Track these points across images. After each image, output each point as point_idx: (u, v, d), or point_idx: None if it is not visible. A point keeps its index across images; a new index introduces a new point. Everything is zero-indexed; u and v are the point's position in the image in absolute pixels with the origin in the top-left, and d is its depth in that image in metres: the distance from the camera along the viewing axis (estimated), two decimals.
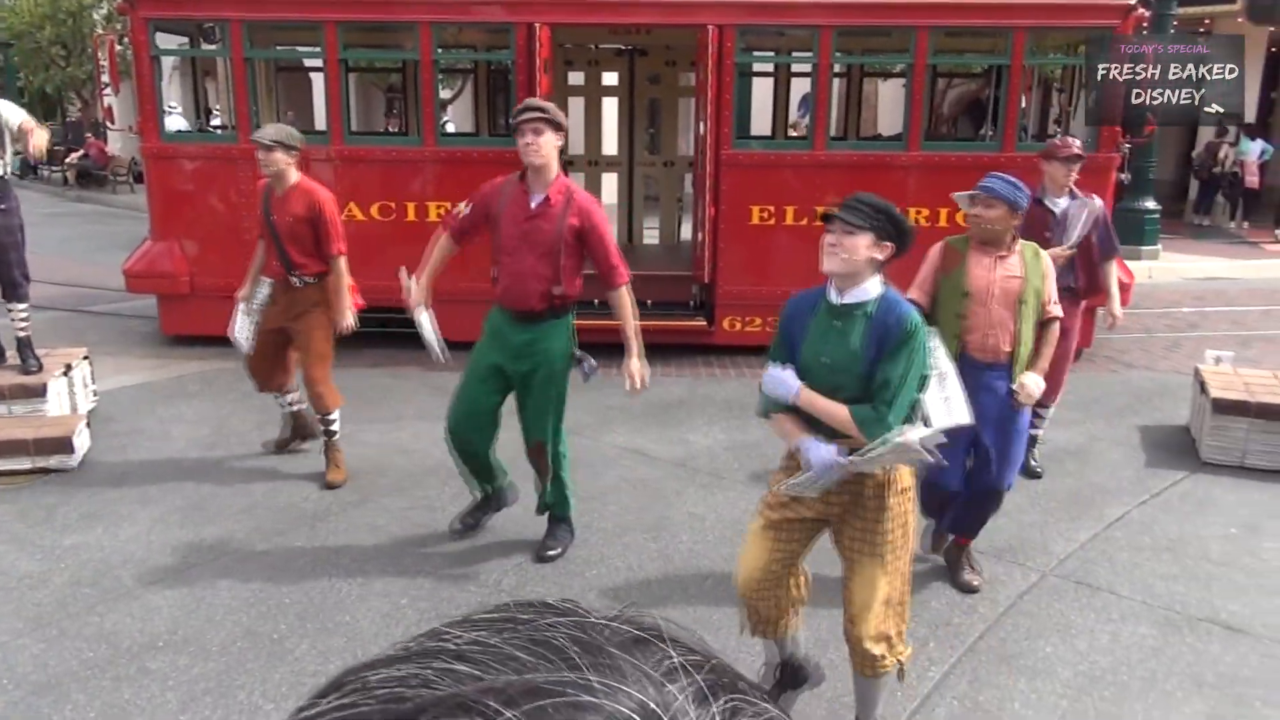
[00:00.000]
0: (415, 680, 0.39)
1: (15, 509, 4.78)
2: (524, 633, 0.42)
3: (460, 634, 0.42)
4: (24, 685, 3.34)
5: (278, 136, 4.86)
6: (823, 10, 7.10)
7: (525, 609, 0.45)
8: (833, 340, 2.81)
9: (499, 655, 0.40)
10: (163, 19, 7.61)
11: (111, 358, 7.23)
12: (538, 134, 3.88)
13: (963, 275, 3.80)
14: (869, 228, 2.72)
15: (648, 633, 0.43)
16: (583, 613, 0.44)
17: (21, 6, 22.61)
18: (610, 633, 0.42)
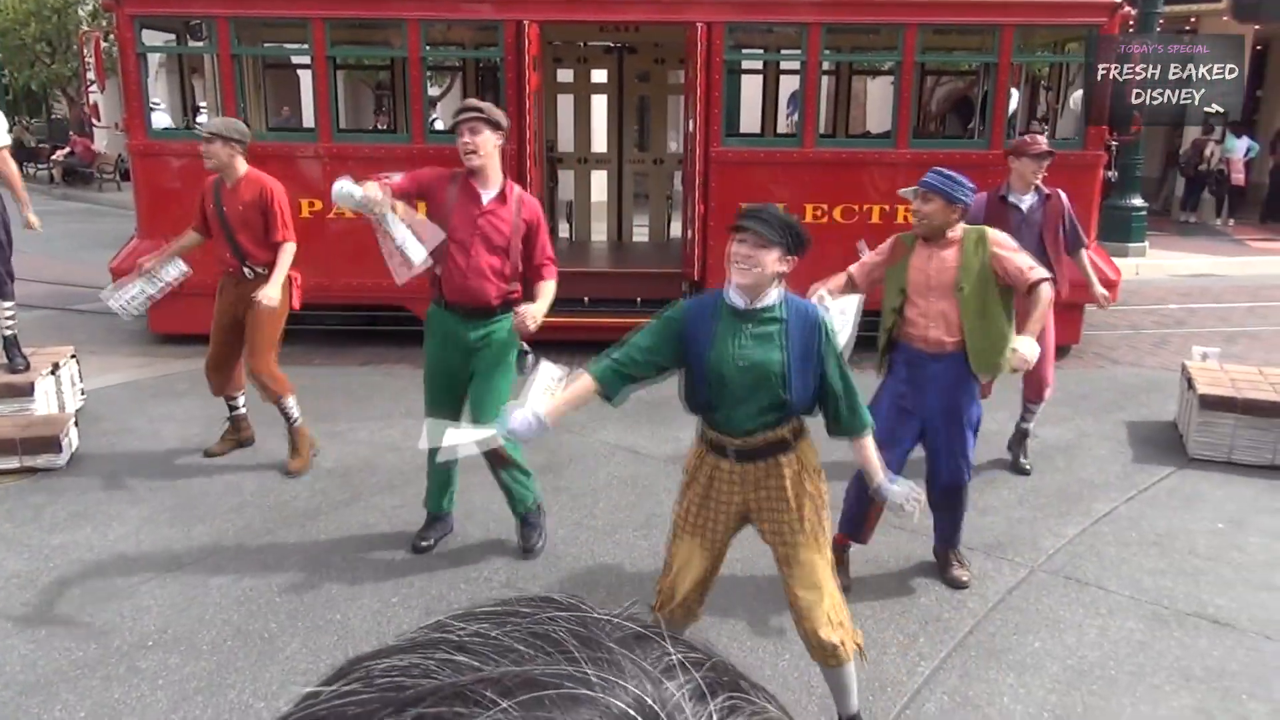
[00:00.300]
0: (417, 670, 0.40)
1: (3, 509, 4.75)
2: (525, 626, 0.42)
3: (463, 626, 0.43)
4: (12, 686, 3.32)
5: (217, 129, 4.89)
6: (811, 8, 7.11)
7: (528, 603, 0.45)
8: (748, 345, 2.83)
9: (499, 647, 0.41)
10: (149, 15, 7.57)
11: (99, 356, 7.19)
12: (475, 133, 3.85)
13: (904, 270, 3.84)
14: (779, 243, 2.77)
15: (649, 630, 0.43)
16: (585, 608, 0.44)
17: (6, 3, 22.44)
18: (611, 628, 0.43)
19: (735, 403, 2.86)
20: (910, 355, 3.85)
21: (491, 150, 3.91)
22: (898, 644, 3.65)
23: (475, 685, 0.38)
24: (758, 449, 2.91)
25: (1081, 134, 7.57)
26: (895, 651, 3.60)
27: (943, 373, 3.82)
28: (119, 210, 16.72)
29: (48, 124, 27.50)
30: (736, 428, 2.89)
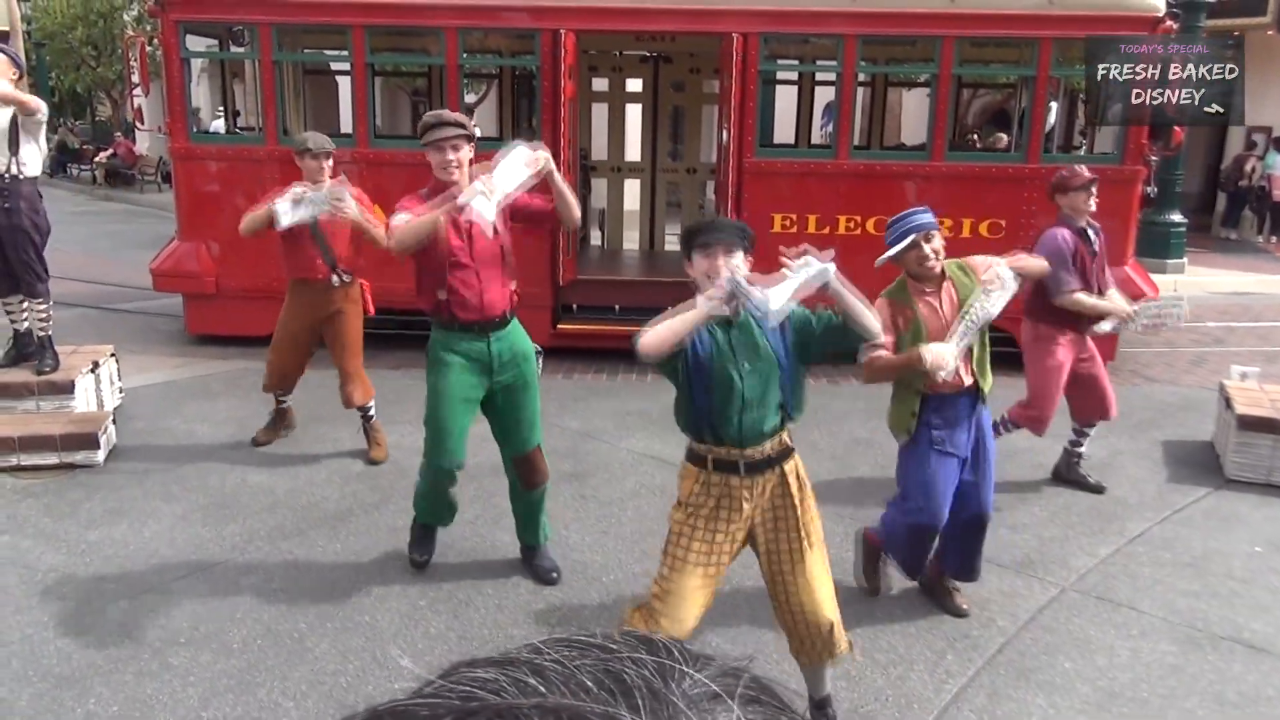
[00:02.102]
0: (492, 685, 0.42)
1: (42, 503, 4.84)
2: (603, 663, 0.43)
3: (550, 650, 0.44)
4: (49, 678, 3.38)
5: (320, 145, 5.18)
6: (848, 19, 7.09)
7: (623, 640, 0.46)
8: (745, 349, 2.86)
9: (569, 678, 0.42)
10: (193, 22, 7.70)
11: (136, 355, 7.30)
12: (456, 150, 3.76)
13: (920, 327, 3.62)
14: (741, 245, 2.85)
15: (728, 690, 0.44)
16: (675, 658, 0.45)
17: (54, 7, 22.94)
18: (690, 683, 0.43)
19: (745, 410, 2.86)
20: (940, 401, 3.70)
21: (468, 163, 3.82)
22: (925, 661, 3.62)
23: (529, 710, 0.39)
24: (768, 458, 2.93)
25: (1120, 149, 7.49)
26: (922, 668, 3.57)
27: (969, 407, 3.74)
28: (159, 212, 17.01)
29: (92, 126, 28.05)
30: (748, 437, 2.88)
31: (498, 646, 2.57)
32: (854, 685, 3.45)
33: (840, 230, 7.30)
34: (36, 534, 4.50)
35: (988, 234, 7.34)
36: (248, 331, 7.81)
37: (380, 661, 3.52)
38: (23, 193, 5.61)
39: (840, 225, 7.31)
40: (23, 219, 5.62)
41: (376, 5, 7.26)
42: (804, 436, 3.07)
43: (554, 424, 6.18)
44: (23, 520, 4.65)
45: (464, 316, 3.86)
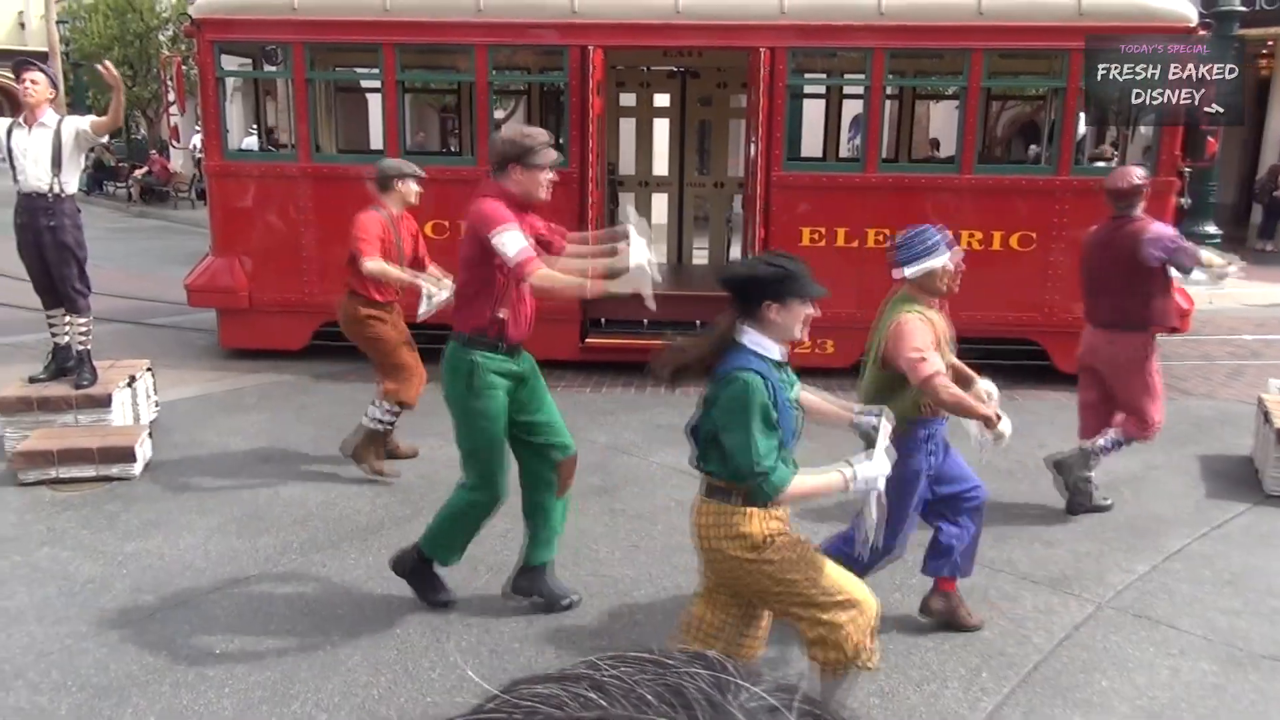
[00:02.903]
0: (554, 700, 0.42)
1: (80, 516, 4.91)
2: (663, 678, 0.44)
3: (609, 666, 0.45)
4: (87, 688, 3.42)
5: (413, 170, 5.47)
6: (876, 33, 7.09)
7: (677, 655, 0.47)
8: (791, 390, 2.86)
9: (630, 692, 0.43)
10: (227, 41, 7.84)
11: (171, 370, 7.40)
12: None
13: (945, 344, 3.60)
14: None
15: (786, 704, 0.44)
16: (730, 673, 0.46)
17: (91, 29, 23.42)
18: (747, 696, 0.44)
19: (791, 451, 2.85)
20: (932, 426, 3.66)
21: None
22: (959, 678, 3.58)
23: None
24: None
25: (1153, 160, 7.42)
26: (956, 685, 3.53)
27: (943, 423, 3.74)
28: (192, 228, 17.25)
29: (127, 144, 28.53)
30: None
31: (530, 661, 2.57)
32: (888, 701, 3.42)
33: (869, 243, 7.27)
34: (75, 545, 4.56)
35: (1018, 246, 7.29)
36: (280, 345, 7.92)
37: (411, 674, 3.53)
38: (65, 210, 5.76)
39: (869, 238, 7.29)
40: (67, 236, 5.76)
41: (407, 24, 7.35)
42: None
43: (583, 438, 6.18)
44: (61, 532, 4.72)
45: (515, 336, 3.81)
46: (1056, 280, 7.32)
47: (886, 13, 7.01)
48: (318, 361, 7.80)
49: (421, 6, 7.32)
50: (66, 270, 5.81)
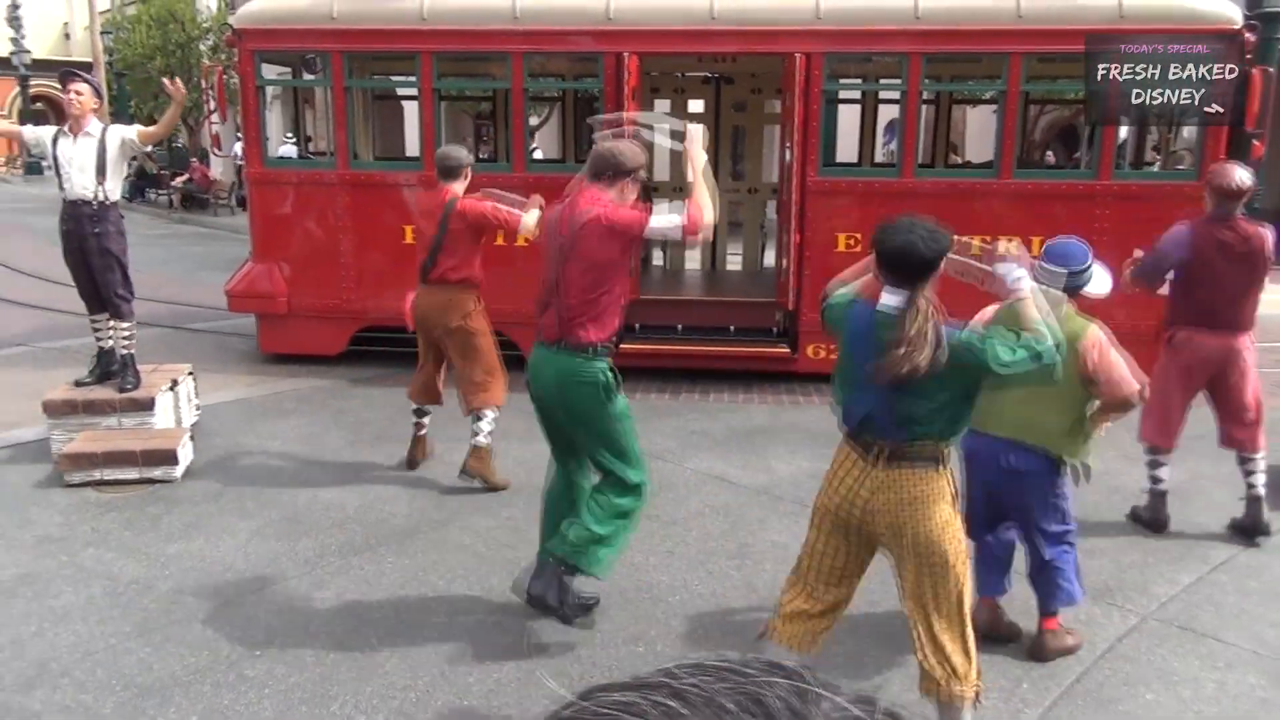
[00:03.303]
0: (635, 708, 0.42)
1: (123, 517, 4.99)
2: (742, 686, 0.44)
3: (687, 675, 0.45)
4: (131, 687, 3.47)
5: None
6: (912, 37, 7.04)
7: (754, 664, 0.47)
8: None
9: (710, 701, 0.43)
10: (268, 50, 7.95)
11: (212, 374, 7.50)
12: None
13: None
14: None
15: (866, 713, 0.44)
16: (808, 681, 0.45)
17: (134, 39, 23.87)
18: (829, 706, 0.44)
19: None
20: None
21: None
22: (1000, 690, 3.53)
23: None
24: None
25: (1197, 165, 7.30)
26: (997, 697, 3.48)
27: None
28: (232, 234, 17.50)
29: (169, 152, 29.02)
30: None
31: (566, 665, 2.57)
32: (926, 711, 3.37)
33: None
34: (119, 547, 4.64)
35: None
36: (318, 351, 8.01)
37: (449, 678, 3.54)
38: (110, 217, 5.87)
39: None
40: (110, 242, 5.87)
41: (444, 32, 7.41)
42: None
43: None
44: (105, 533, 4.80)
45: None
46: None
47: (923, 17, 6.97)
48: (354, 367, 7.88)
49: (459, 15, 7.38)
50: (110, 276, 5.91)
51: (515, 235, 5.28)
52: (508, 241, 7.48)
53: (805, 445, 6.07)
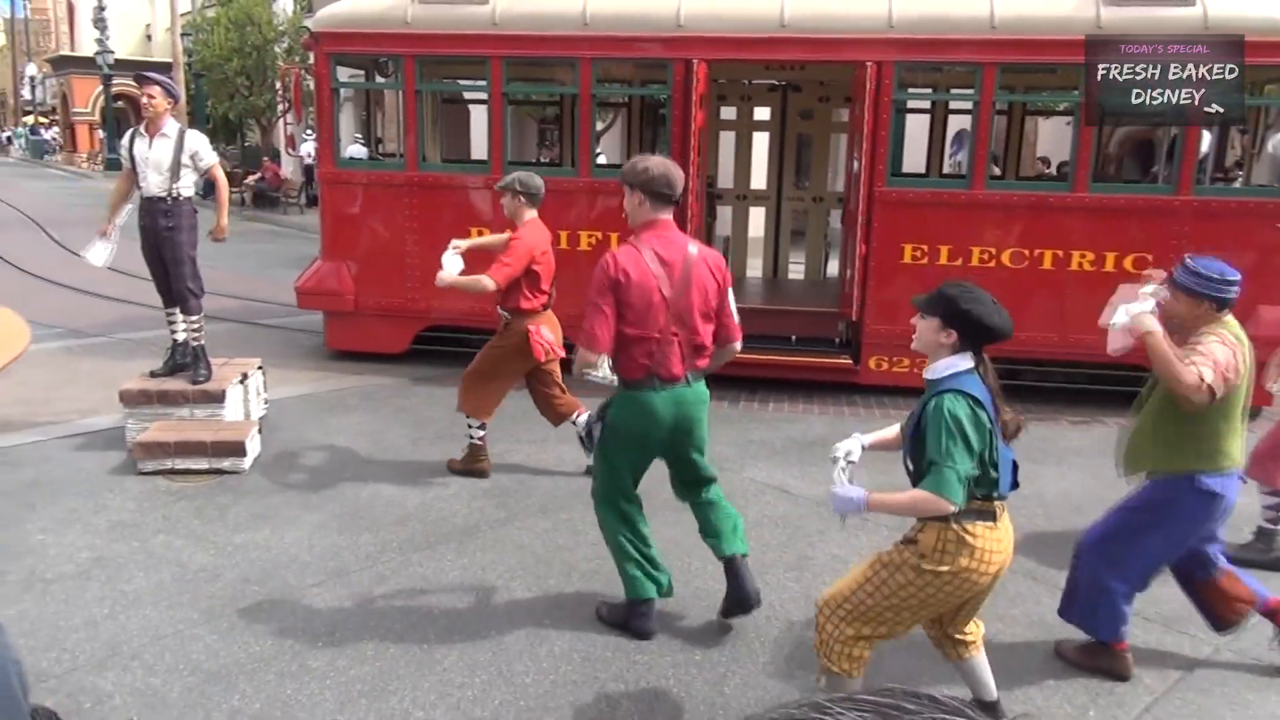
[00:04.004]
0: None
1: (193, 506, 5.12)
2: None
3: (843, 710, 0.44)
4: (198, 672, 3.55)
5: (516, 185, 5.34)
6: (986, 47, 6.93)
7: (912, 699, 0.45)
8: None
9: None
10: (343, 53, 8.11)
11: (279, 369, 7.66)
12: None
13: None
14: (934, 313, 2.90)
15: None
16: (967, 714, 0.44)
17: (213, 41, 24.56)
18: None
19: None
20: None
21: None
22: (1065, 715, 3.44)
23: None
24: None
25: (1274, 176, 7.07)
26: None
27: None
28: (301, 233, 17.89)
29: (241, 151, 29.80)
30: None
31: (622, 670, 2.55)
32: None
33: (973, 262, 7.10)
34: (188, 535, 4.76)
35: (1133, 268, 7.01)
36: (382, 349, 8.13)
37: (506, 677, 3.56)
38: (183, 212, 6.05)
39: (973, 257, 7.11)
40: (182, 236, 6.05)
41: (515, 37, 7.49)
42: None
43: None
44: (176, 521, 4.92)
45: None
46: None
47: (999, 26, 6.85)
48: (417, 365, 7.99)
49: (529, 20, 7.45)
50: (180, 269, 6.08)
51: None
52: (570, 246, 7.55)
53: (865, 459, 5.95)
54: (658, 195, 3.65)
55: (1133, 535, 3.60)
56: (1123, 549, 3.62)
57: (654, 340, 3.60)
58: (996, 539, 2.87)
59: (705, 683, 3.59)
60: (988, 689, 3.23)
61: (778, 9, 7.15)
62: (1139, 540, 3.59)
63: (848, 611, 2.99)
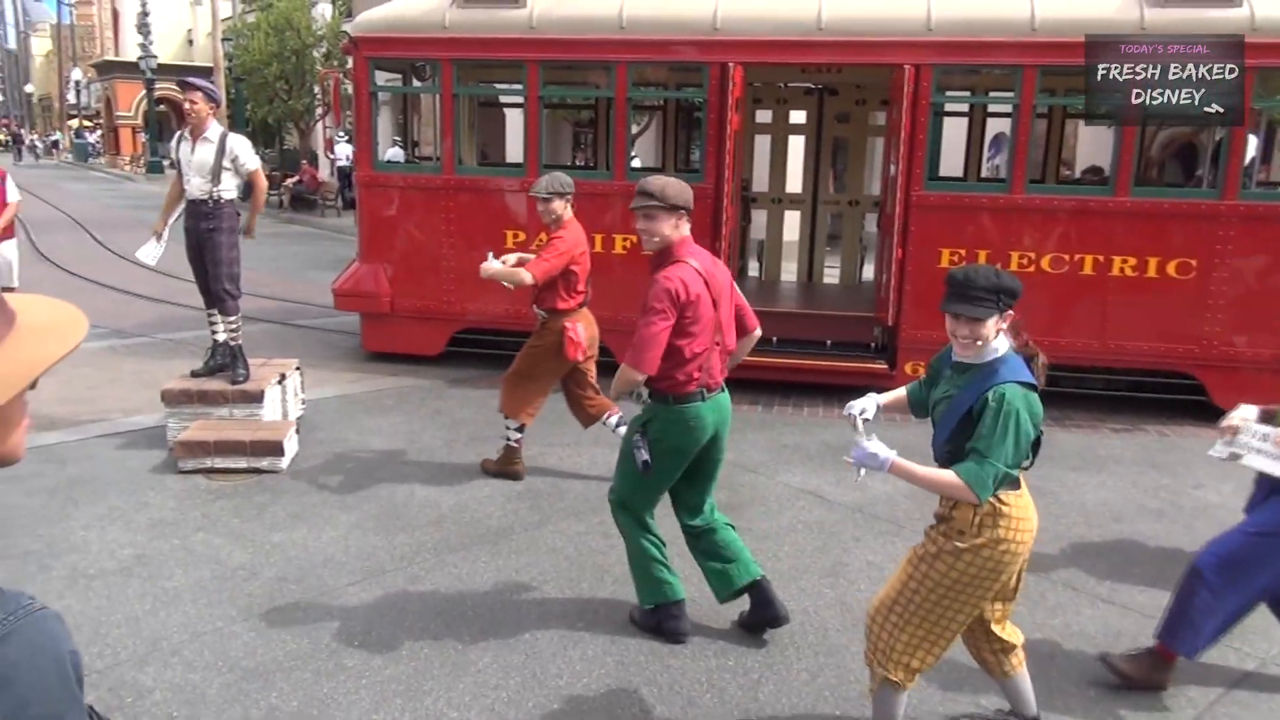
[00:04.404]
0: None
1: (231, 505, 5.18)
2: None
3: None
4: (236, 669, 3.59)
5: (552, 188, 5.26)
6: (1027, 49, 6.84)
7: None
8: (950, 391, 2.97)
9: None
10: (382, 58, 8.18)
11: (316, 369, 7.75)
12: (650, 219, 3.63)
13: None
14: (990, 311, 2.78)
15: None
16: None
17: (253, 46, 24.91)
18: None
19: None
20: None
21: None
22: None
23: None
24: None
25: None
26: None
27: None
28: (337, 235, 18.08)
29: (280, 154, 30.18)
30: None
31: (655, 674, 2.54)
32: None
33: (1012, 267, 7.01)
34: (227, 533, 4.81)
35: (1176, 274, 6.90)
36: (418, 351, 8.19)
37: (540, 680, 3.57)
38: (224, 214, 6.15)
39: (1012, 261, 7.03)
40: (221, 237, 6.14)
41: (552, 41, 7.51)
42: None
43: None
44: (215, 519, 4.99)
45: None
46: (1218, 311, 6.89)
47: (1040, 29, 6.77)
48: (452, 368, 8.04)
49: (566, 24, 7.48)
50: (219, 270, 6.17)
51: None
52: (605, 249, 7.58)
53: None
54: (690, 213, 3.69)
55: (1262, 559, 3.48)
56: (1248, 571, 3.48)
57: (704, 353, 3.64)
58: (1024, 505, 2.87)
59: (739, 688, 3.57)
60: (1029, 705, 3.20)
61: (815, 11, 7.12)
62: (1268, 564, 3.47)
63: (899, 615, 2.95)
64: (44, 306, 1.08)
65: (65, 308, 1.09)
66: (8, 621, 0.91)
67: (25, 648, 0.91)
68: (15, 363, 0.99)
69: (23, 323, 1.02)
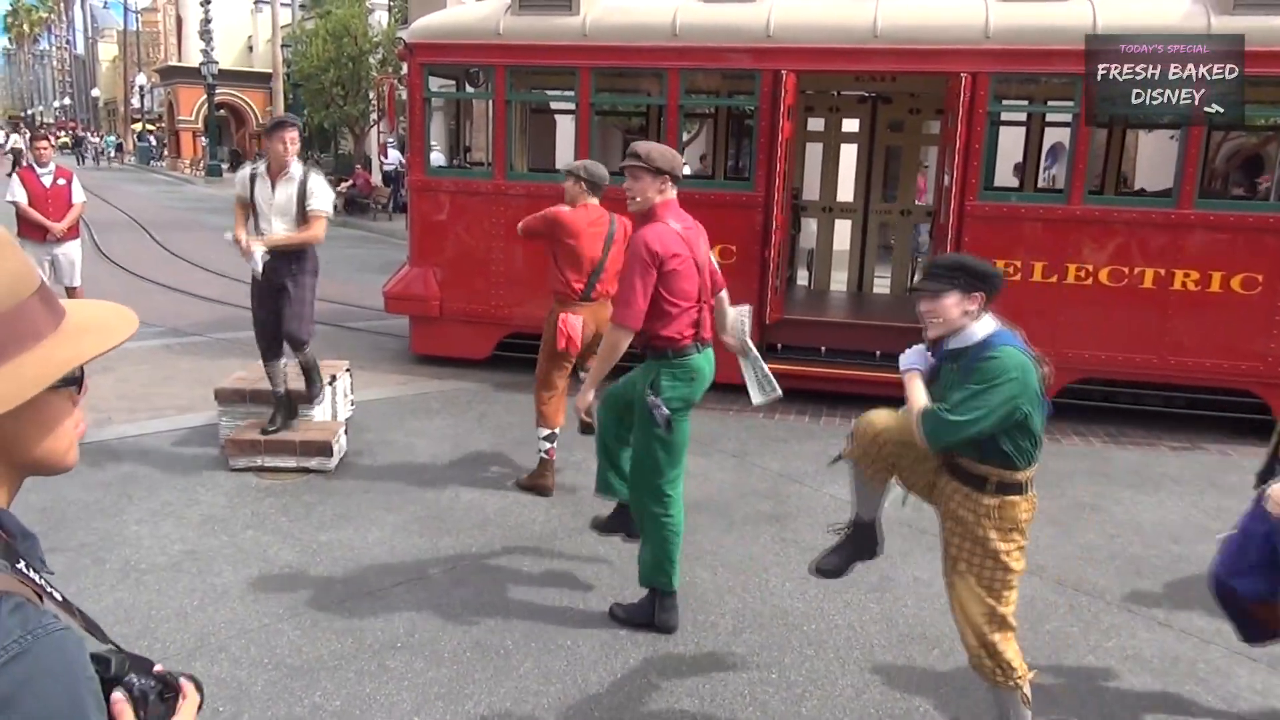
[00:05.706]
0: None
1: (280, 503, 5.24)
2: None
3: None
4: (281, 667, 3.63)
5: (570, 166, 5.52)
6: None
7: None
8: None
9: None
10: (436, 64, 8.27)
11: (365, 371, 7.83)
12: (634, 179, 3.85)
13: None
14: (952, 288, 2.88)
15: None
16: None
17: (311, 52, 25.34)
18: None
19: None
20: None
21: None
22: None
23: None
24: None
25: None
26: None
27: None
28: (390, 238, 18.30)
29: (334, 159, 30.66)
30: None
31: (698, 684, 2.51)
32: None
33: (1069, 279, 6.86)
34: (275, 531, 4.87)
35: (1241, 289, 6.70)
36: (465, 354, 8.25)
37: (581, 687, 3.55)
38: (308, 254, 5.73)
39: (1069, 274, 6.88)
40: (307, 279, 5.75)
41: (605, 48, 7.53)
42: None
43: (754, 464, 6.12)
44: (264, 517, 5.05)
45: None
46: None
47: (1100, 36, 6.63)
48: (499, 372, 8.07)
49: (619, 31, 7.49)
50: (300, 309, 5.71)
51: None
52: None
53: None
54: (676, 180, 3.87)
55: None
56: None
57: (694, 308, 3.87)
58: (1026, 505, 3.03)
59: (782, 702, 3.52)
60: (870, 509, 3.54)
61: (870, 19, 7.05)
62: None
63: (986, 612, 2.97)
64: (94, 308, 1.08)
65: (116, 309, 1.09)
66: (23, 640, 0.89)
67: (35, 668, 0.88)
68: (46, 363, 0.98)
69: (69, 323, 1.03)
